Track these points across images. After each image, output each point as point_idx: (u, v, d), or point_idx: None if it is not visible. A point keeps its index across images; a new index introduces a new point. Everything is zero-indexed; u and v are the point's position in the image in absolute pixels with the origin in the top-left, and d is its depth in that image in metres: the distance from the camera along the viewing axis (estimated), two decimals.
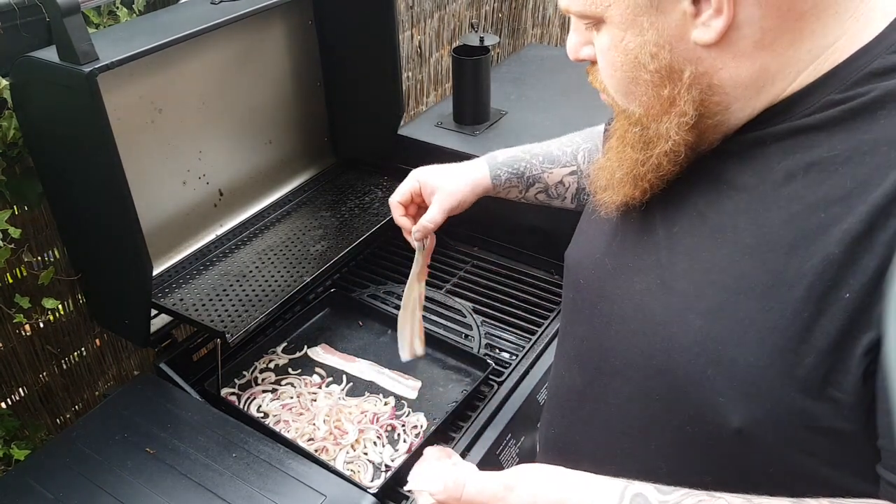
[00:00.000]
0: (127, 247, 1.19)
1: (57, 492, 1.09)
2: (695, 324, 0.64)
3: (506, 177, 1.10)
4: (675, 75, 0.63)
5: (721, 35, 0.59)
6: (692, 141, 0.66)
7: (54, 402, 1.51)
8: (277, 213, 1.65)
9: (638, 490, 0.60)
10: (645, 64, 0.63)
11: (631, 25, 0.62)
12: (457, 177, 1.09)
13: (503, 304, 1.59)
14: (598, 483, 0.63)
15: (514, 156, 1.11)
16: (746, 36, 0.60)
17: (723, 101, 0.64)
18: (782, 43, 0.60)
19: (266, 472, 1.12)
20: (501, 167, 1.10)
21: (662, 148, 0.66)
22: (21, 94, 1.14)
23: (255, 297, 1.38)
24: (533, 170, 1.10)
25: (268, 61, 1.59)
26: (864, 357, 0.55)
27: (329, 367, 1.46)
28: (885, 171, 0.55)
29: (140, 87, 1.33)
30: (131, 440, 1.17)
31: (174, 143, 1.43)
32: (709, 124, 0.66)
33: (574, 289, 0.83)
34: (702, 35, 0.60)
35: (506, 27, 2.95)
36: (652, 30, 0.61)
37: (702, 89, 0.63)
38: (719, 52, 0.61)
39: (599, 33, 0.66)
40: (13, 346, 1.38)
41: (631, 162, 0.69)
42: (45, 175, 1.25)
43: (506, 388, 1.33)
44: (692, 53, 0.62)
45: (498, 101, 1.88)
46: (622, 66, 0.65)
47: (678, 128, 0.64)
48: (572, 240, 0.89)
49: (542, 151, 1.11)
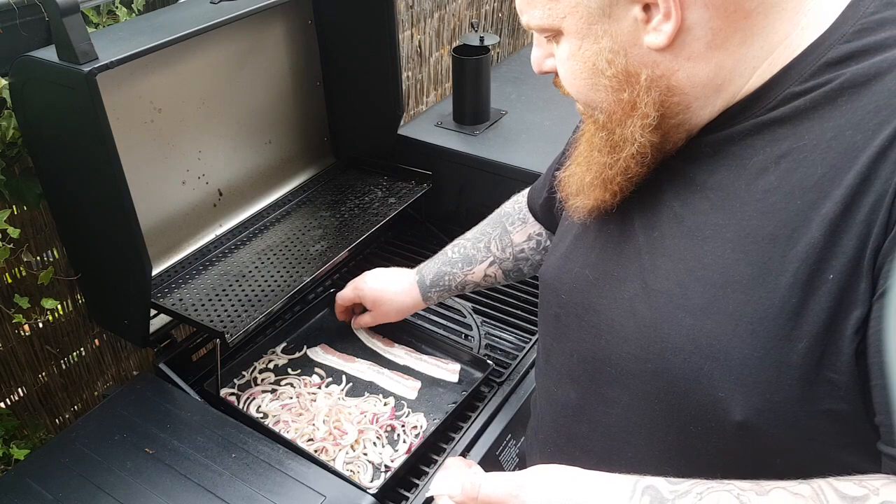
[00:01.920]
0: (126, 247, 1.19)
1: (56, 492, 1.08)
2: (685, 322, 0.65)
3: (437, 296, 1.29)
4: (633, 79, 0.65)
5: (672, 38, 0.61)
6: (657, 142, 0.68)
7: (53, 403, 1.51)
8: (277, 213, 1.65)
9: (649, 483, 0.62)
10: (602, 70, 0.66)
11: (586, 35, 0.65)
12: (393, 299, 1.33)
13: (503, 304, 1.59)
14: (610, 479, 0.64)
15: (439, 272, 1.26)
16: (698, 38, 0.62)
17: (682, 101, 0.66)
18: (734, 42, 0.62)
19: (265, 473, 1.11)
20: (430, 290, 1.28)
21: (629, 151, 0.68)
22: (20, 93, 1.14)
23: (254, 297, 1.37)
24: (456, 279, 1.25)
25: (268, 61, 1.59)
26: (854, 336, 0.56)
27: (328, 368, 1.46)
28: (853, 153, 0.57)
29: (139, 87, 1.32)
30: (130, 440, 1.17)
31: (174, 143, 1.43)
32: (672, 124, 0.68)
33: (556, 304, 0.83)
34: (653, 39, 0.62)
35: (506, 27, 2.95)
36: (606, 37, 0.64)
37: (661, 91, 0.65)
38: (673, 54, 0.63)
39: (559, 45, 0.69)
40: (12, 346, 1.38)
41: (599, 165, 0.72)
42: (44, 175, 1.25)
43: (506, 389, 1.33)
44: (647, 57, 0.64)
45: (498, 101, 1.88)
46: (581, 73, 0.68)
47: (642, 129, 0.66)
48: (546, 258, 0.90)
49: (460, 257, 1.24)
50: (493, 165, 1.66)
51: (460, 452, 1.20)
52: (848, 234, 0.56)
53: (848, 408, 0.58)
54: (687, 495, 0.60)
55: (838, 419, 0.59)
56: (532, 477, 0.68)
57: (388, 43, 1.59)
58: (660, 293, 0.68)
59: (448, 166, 1.73)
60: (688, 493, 0.60)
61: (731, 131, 0.66)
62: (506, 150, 1.69)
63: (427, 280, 1.28)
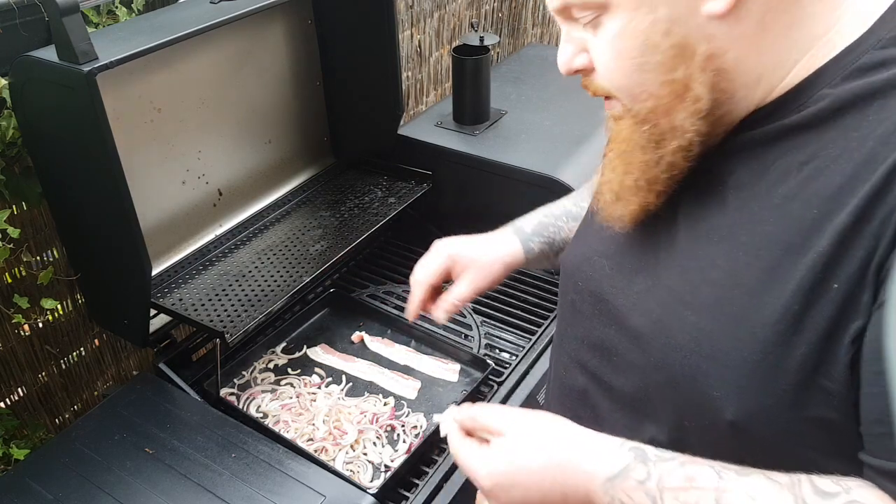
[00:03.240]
0: (126, 247, 1.19)
1: (56, 492, 1.08)
2: (690, 320, 0.65)
3: (539, 248, 1.01)
4: (689, 53, 0.62)
5: (732, 4, 0.59)
6: (704, 133, 0.65)
7: (53, 402, 1.51)
8: (277, 213, 1.65)
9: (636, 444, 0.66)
10: (657, 44, 0.62)
11: (640, 4, 0.61)
12: (491, 251, 1.00)
13: (503, 304, 1.59)
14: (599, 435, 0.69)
15: (541, 222, 1.03)
16: (752, 11, 0.60)
17: (728, 88, 0.64)
18: (780, 25, 0.61)
19: (265, 473, 1.11)
20: (533, 238, 1.01)
21: (676, 144, 0.65)
22: (20, 93, 1.14)
23: (254, 297, 1.37)
24: (561, 233, 1.02)
25: (267, 61, 1.59)
26: (850, 345, 0.56)
27: (328, 368, 1.46)
28: (873, 166, 0.56)
29: (139, 87, 1.32)
30: (130, 440, 1.17)
31: (173, 143, 1.43)
32: (717, 115, 0.65)
33: (573, 291, 0.83)
34: (714, 5, 0.59)
35: (506, 27, 2.95)
36: (663, 5, 0.61)
37: (714, 72, 0.62)
38: (728, 27, 0.61)
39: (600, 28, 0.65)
40: (12, 346, 1.38)
41: (642, 165, 0.68)
42: (44, 175, 1.25)
43: (506, 388, 1.33)
44: (704, 29, 0.61)
45: (498, 100, 1.88)
46: (630, 52, 0.64)
47: (693, 116, 0.63)
48: (569, 245, 0.90)
49: (562, 212, 1.04)
50: (492, 165, 1.66)
51: None
52: (856, 246, 0.56)
53: (839, 417, 0.58)
54: (671, 461, 0.63)
55: (829, 427, 0.59)
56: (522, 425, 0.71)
57: (388, 43, 1.59)
58: (669, 290, 0.68)
59: (448, 166, 1.73)
60: (672, 459, 0.63)
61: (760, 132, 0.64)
62: (506, 150, 1.69)
63: (527, 228, 1.02)
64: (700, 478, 0.61)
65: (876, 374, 0.54)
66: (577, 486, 0.66)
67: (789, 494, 0.57)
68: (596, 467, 0.65)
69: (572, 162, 1.62)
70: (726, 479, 0.60)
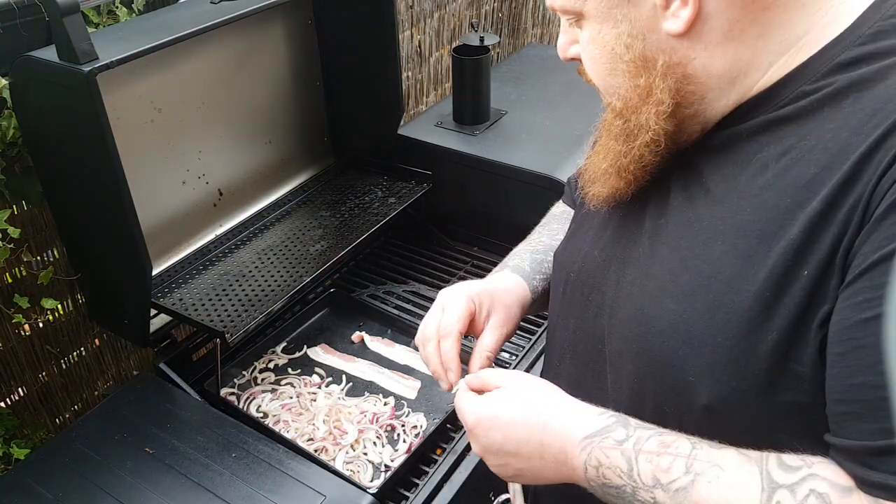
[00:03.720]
0: (126, 247, 1.19)
1: (56, 491, 1.08)
2: (669, 307, 0.67)
3: (541, 287, 0.97)
4: (650, 64, 0.66)
5: (689, 25, 0.63)
6: (672, 131, 0.69)
7: (53, 402, 1.51)
8: (277, 212, 1.65)
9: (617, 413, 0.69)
10: (620, 55, 0.67)
11: (606, 18, 0.67)
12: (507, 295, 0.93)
13: None
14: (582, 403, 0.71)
15: (535, 259, 0.99)
16: (715, 27, 0.63)
17: (698, 90, 0.67)
18: (751, 34, 0.63)
19: (265, 472, 1.11)
20: (535, 276, 0.97)
21: (643, 139, 0.69)
22: (20, 93, 1.14)
23: (254, 297, 1.37)
24: None
25: (268, 61, 1.59)
26: (819, 329, 0.58)
27: (329, 367, 1.46)
28: (845, 155, 0.58)
29: (140, 87, 1.33)
30: (130, 440, 1.17)
31: (174, 143, 1.43)
32: (686, 114, 0.69)
33: (565, 282, 0.85)
34: (671, 25, 0.64)
35: (506, 27, 2.95)
36: (625, 21, 0.66)
37: (677, 78, 0.66)
38: (690, 42, 0.64)
39: (582, 29, 0.71)
40: (12, 345, 1.38)
41: (615, 154, 0.73)
42: (44, 175, 1.25)
43: None
44: (665, 44, 0.65)
45: (498, 100, 1.88)
46: (600, 58, 0.70)
47: (656, 117, 0.67)
48: (563, 239, 0.92)
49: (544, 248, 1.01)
50: (492, 165, 1.66)
51: (460, 452, 1.21)
52: (826, 233, 0.58)
53: (810, 401, 0.60)
54: (650, 429, 0.66)
55: (800, 411, 0.61)
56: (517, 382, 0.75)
57: (388, 43, 1.59)
58: (652, 278, 0.70)
59: (448, 166, 1.73)
60: (651, 428, 0.66)
61: (742, 127, 0.67)
62: (506, 150, 1.69)
63: (525, 267, 0.98)
64: (675, 445, 0.64)
65: (839, 356, 0.56)
66: (554, 439, 0.69)
67: (755, 466, 0.60)
68: (576, 424, 0.68)
69: (572, 162, 1.62)
70: (699, 448, 0.63)
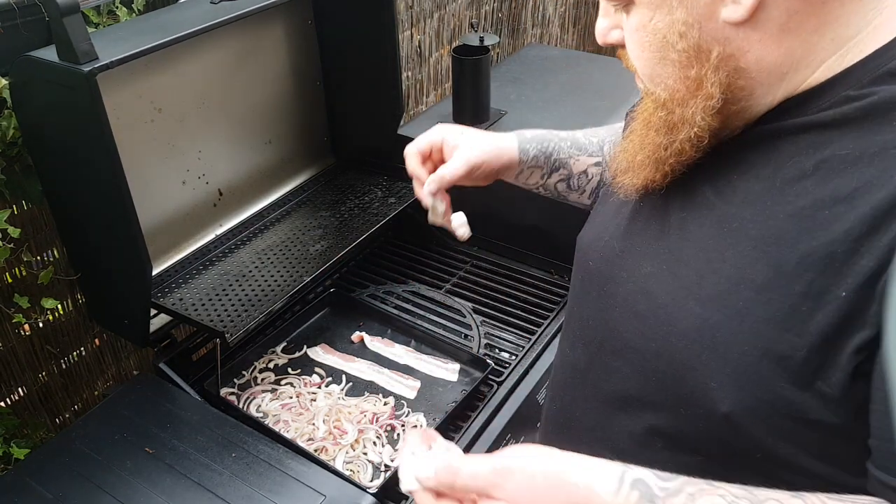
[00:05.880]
0: (126, 246, 1.19)
1: (56, 491, 1.08)
2: (694, 310, 0.65)
3: (534, 153, 1.02)
4: (703, 55, 0.63)
5: (751, 13, 0.59)
6: (716, 127, 0.66)
7: (53, 402, 1.51)
8: (277, 212, 1.65)
9: (638, 476, 0.59)
10: (673, 43, 0.63)
11: (660, 5, 0.63)
12: (483, 137, 1.02)
13: (503, 304, 1.59)
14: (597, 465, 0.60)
15: (543, 135, 1.05)
16: (773, 17, 0.60)
17: (747, 85, 0.64)
18: (807, 28, 0.60)
19: (265, 472, 1.11)
20: (531, 142, 1.03)
21: (687, 133, 0.66)
22: (20, 93, 1.14)
23: (254, 296, 1.37)
24: (561, 153, 1.04)
25: (267, 61, 1.59)
26: (854, 355, 0.56)
27: (328, 367, 1.46)
28: (890, 173, 0.56)
29: (140, 87, 1.33)
30: (130, 440, 1.17)
31: (174, 143, 1.43)
32: (733, 110, 0.66)
33: (583, 270, 0.84)
34: (731, 13, 0.60)
35: (506, 27, 2.95)
36: (681, 8, 0.62)
37: (728, 72, 0.63)
38: (747, 32, 0.61)
39: (629, 15, 0.67)
40: (12, 345, 1.38)
41: (653, 146, 0.70)
42: (44, 175, 1.25)
43: (505, 389, 1.33)
44: (720, 33, 0.62)
45: (498, 101, 1.88)
46: (650, 46, 0.66)
47: (703, 112, 0.65)
48: (586, 223, 0.90)
49: (569, 137, 1.06)
50: None
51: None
52: (868, 255, 0.55)
53: (835, 421, 0.58)
54: (678, 494, 0.57)
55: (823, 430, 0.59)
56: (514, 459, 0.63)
57: (388, 43, 1.59)
58: (676, 277, 0.68)
59: None
60: (679, 492, 0.57)
61: (781, 125, 0.65)
62: None
63: (527, 134, 1.04)
64: None
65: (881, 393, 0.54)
66: None
67: None
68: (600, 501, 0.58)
69: None
70: None
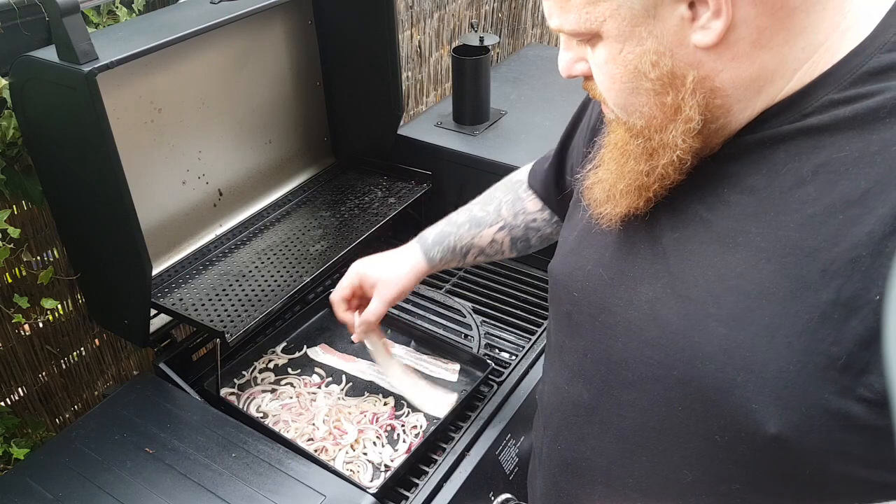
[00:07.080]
0: (126, 246, 1.19)
1: (56, 491, 1.08)
2: (718, 332, 0.63)
3: (440, 255, 1.14)
4: (678, 81, 0.63)
5: (721, 36, 0.59)
6: (697, 147, 0.65)
7: (53, 402, 1.51)
8: (277, 213, 1.65)
9: None
10: (646, 73, 0.63)
11: (629, 37, 0.62)
12: (395, 267, 1.15)
13: (503, 304, 1.59)
14: None
15: (442, 232, 1.15)
16: (743, 36, 0.60)
17: (725, 103, 0.64)
18: (777, 41, 0.60)
19: (265, 472, 1.11)
20: (433, 247, 1.14)
21: (669, 157, 0.65)
22: (20, 93, 1.14)
23: (254, 297, 1.37)
24: (462, 241, 1.13)
25: (268, 61, 1.59)
26: None
27: (328, 367, 1.46)
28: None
29: (140, 87, 1.33)
30: (130, 440, 1.17)
31: (174, 143, 1.43)
32: (712, 129, 0.65)
33: (568, 302, 0.81)
34: (702, 38, 0.60)
35: (506, 27, 2.95)
36: (651, 38, 0.61)
37: (705, 93, 0.63)
38: (718, 54, 0.61)
39: (595, 49, 0.66)
40: (12, 345, 1.38)
41: (634, 173, 0.69)
42: (44, 175, 1.25)
43: (505, 388, 1.33)
44: (693, 57, 0.61)
45: (498, 101, 1.88)
46: (621, 77, 0.65)
47: (685, 135, 0.64)
48: (556, 252, 0.88)
49: (466, 219, 1.14)
50: (492, 165, 1.66)
51: (460, 452, 1.21)
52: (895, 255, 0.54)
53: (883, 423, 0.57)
54: None
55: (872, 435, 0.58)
56: None
57: (388, 43, 1.59)
58: (689, 300, 0.66)
59: (448, 166, 1.73)
60: None
61: (766, 134, 0.64)
62: (505, 150, 1.69)
63: (429, 239, 1.15)
64: None
65: None
66: None
67: None
68: None
69: None
70: None
